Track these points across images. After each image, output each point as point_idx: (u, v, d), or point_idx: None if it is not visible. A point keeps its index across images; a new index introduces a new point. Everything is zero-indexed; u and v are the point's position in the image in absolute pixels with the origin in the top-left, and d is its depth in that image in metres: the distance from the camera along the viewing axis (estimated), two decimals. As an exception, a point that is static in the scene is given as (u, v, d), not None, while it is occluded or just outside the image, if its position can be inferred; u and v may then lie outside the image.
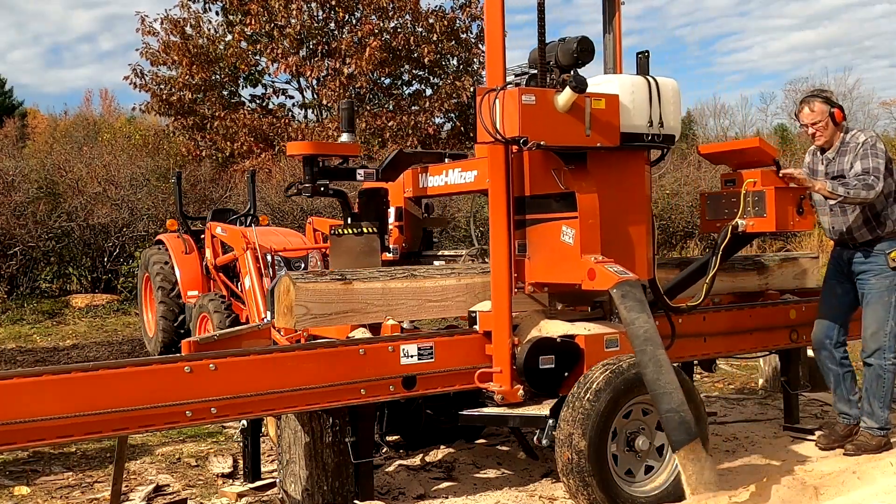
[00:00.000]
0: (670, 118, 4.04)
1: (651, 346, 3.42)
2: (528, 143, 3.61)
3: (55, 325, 11.46)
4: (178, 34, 17.78)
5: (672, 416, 3.34)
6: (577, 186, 3.79)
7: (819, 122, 4.63)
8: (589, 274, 3.70)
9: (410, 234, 5.06)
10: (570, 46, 3.94)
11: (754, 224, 4.37)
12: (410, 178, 4.92)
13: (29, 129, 33.69)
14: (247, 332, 4.53)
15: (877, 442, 4.67)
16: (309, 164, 4.83)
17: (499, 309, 3.82)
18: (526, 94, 3.64)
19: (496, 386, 3.81)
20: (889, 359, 4.64)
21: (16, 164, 14.19)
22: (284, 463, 3.98)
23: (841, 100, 41.50)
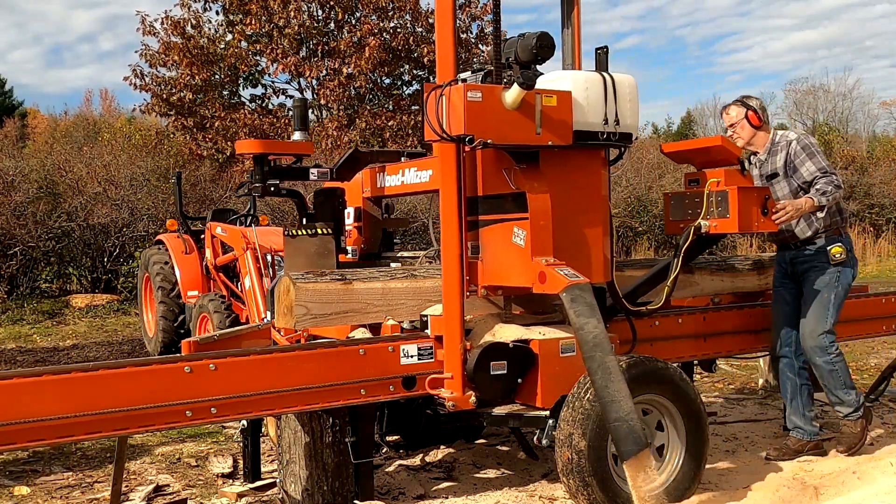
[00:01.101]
0: (627, 116, 3.90)
1: (600, 352, 3.31)
2: (473, 142, 3.50)
3: (55, 325, 11.46)
4: (178, 34, 17.77)
5: (620, 425, 3.23)
6: (528, 186, 3.68)
7: (735, 123, 4.69)
8: (540, 277, 3.58)
9: (369, 235, 4.94)
10: (529, 42, 3.85)
11: (718, 225, 4.23)
12: (368, 177, 4.81)
13: (29, 129, 33.69)
14: (247, 332, 4.54)
15: (860, 426, 4.66)
16: (259, 163, 4.71)
17: (450, 313, 3.67)
18: (472, 91, 3.50)
19: (447, 392, 3.67)
20: (833, 352, 4.61)
21: (16, 164, 14.19)
22: (284, 463, 3.98)
23: (841, 100, 40.90)
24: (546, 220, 3.67)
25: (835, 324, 4.62)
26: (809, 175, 4.52)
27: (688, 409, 3.91)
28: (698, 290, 5.12)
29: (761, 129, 4.70)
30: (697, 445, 3.92)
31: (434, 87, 3.60)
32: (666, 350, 4.48)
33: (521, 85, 3.49)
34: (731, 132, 4.74)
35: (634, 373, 3.76)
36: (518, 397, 3.73)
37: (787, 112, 44.04)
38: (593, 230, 3.94)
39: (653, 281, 4.43)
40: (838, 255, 4.60)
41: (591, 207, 3.94)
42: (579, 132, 3.76)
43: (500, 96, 3.56)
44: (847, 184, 22.46)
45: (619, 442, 3.23)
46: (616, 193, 18.47)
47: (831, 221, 4.62)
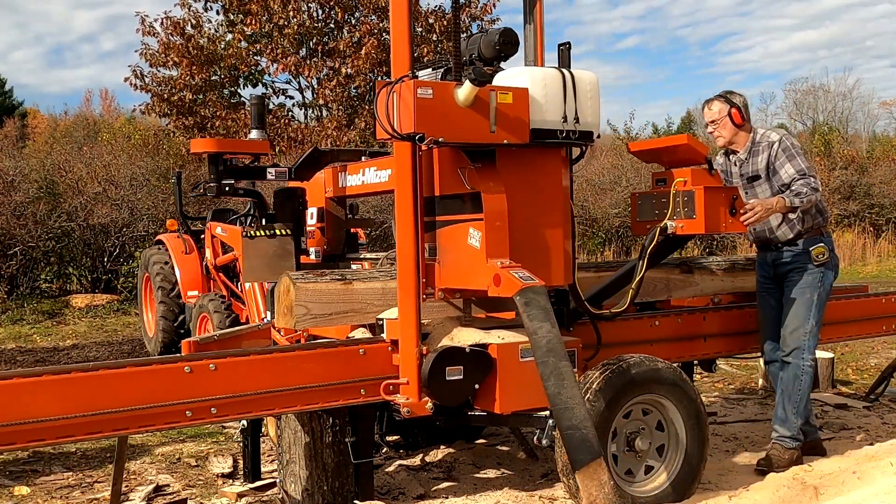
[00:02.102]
0: (587, 114, 3.76)
1: (553, 357, 3.18)
2: (424, 140, 3.37)
3: (55, 325, 11.46)
4: (178, 34, 17.77)
5: (572, 433, 3.10)
6: (483, 186, 3.56)
7: (717, 120, 4.57)
8: (495, 279, 3.45)
9: (332, 236, 4.80)
10: (492, 38, 3.78)
11: (684, 226, 4.10)
12: (331, 177, 4.69)
13: (29, 129, 33.71)
14: (247, 332, 4.54)
15: (788, 456, 4.46)
16: (214, 162, 4.57)
17: (405, 316, 3.56)
18: (422, 88, 3.37)
19: (402, 398, 3.55)
20: (808, 360, 4.50)
21: (16, 164, 14.20)
22: (284, 463, 3.98)
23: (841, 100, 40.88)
24: (502, 220, 3.56)
25: (818, 324, 4.53)
26: (788, 177, 4.42)
27: (688, 409, 3.91)
28: (698, 290, 5.12)
29: (743, 128, 4.58)
30: (697, 445, 3.93)
31: (385, 83, 3.49)
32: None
33: (472, 81, 3.38)
34: (713, 129, 4.62)
35: (634, 373, 3.77)
36: (477, 403, 3.62)
37: (787, 112, 44.09)
38: (553, 231, 3.81)
39: (618, 283, 4.30)
40: (821, 255, 4.51)
41: (551, 208, 3.81)
42: (537, 130, 3.62)
43: (452, 93, 3.44)
44: (847, 184, 22.50)
45: (571, 451, 3.12)
46: (616, 193, 18.46)
47: (813, 223, 4.54)
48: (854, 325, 5.40)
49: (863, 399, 6.20)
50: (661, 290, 4.95)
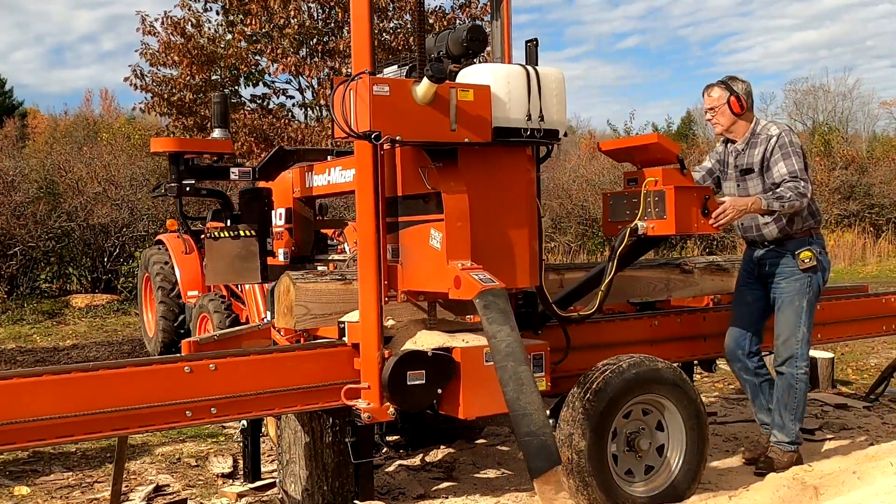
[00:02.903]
0: (553, 112, 3.64)
1: (513, 361, 3.09)
2: (380, 139, 3.27)
3: (55, 325, 11.46)
4: (178, 34, 17.77)
5: (531, 440, 3.00)
6: (444, 186, 3.46)
7: (716, 107, 4.43)
8: (455, 282, 3.36)
9: (300, 237, 4.70)
10: (459, 35, 3.69)
11: (655, 226, 4.00)
12: (298, 177, 4.61)
13: (29, 129, 33.71)
14: (247, 332, 4.53)
15: (787, 458, 4.41)
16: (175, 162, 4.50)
17: (367, 319, 3.47)
18: (378, 85, 3.27)
19: (364, 403, 3.48)
20: (801, 367, 4.42)
21: (16, 164, 14.21)
22: (284, 463, 3.98)
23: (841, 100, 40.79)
24: (463, 221, 3.46)
25: (809, 330, 4.46)
26: (779, 177, 4.29)
27: (688, 409, 3.92)
28: (698, 290, 5.12)
29: (742, 117, 4.42)
30: (697, 445, 3.93)
31: (342, 80, 3.40)
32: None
33: (430, 78, 3.27)
34: (710, 116, 4.49)
35: (634, 373, 3.77)
36: (441, 408, 3.53)
37: (787, 112, 44.09)
38: (518, 232, 3.70)
39: (588, 285, 4.22)
40: (807, 259, 4.39)
41: (517, 208, 3.70)
42: (500, 129, 3.52)
43: (410, 91, 3.34)
44: (847, 184, 22.50)
45: (529, 458, 3.02)
46: (616, 193, 18.42)
47: (804, 225, 4.41)
48: (854, 325, 5.41)
49: (863, 399, 6.20)
50: (661, 290, 4.96)
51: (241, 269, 4.42)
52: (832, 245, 19.66)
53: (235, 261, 4.45)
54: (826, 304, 5.25)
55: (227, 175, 4.65)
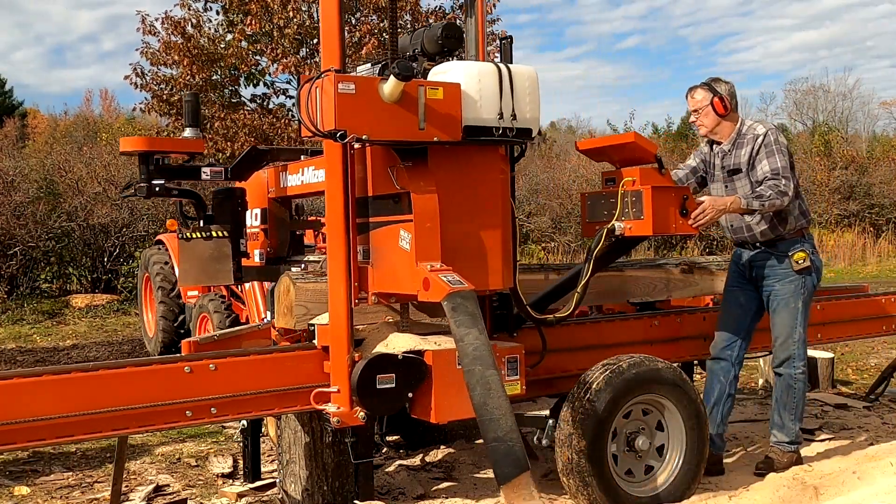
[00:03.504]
0: (526, 110, 3.56)
1: (480, 365, 3.01)
2: (346, 138, 3.19)
3: (55, 325, 11.46)
4: (178, 34, 17.77)
5: (498, 446, 2.92)
6: (413, 186, 3.39)
7: (699, 109, 4.39)
8: (424, 283, 3.28)
9: (276, 238, 4.62)
10: (434, 33, 3.63)
11: (633, 227, 3.93)
12: (273, 177, 4.54)
13: (29, 129, 33.72)
14: (247, 332, 4.53)
15: (788, 458, 4.41)
16: (144, 161, 4.35)
17: (336, 322, 3.41)
18: (344, 83, 3.19)
19: (333, 407, 3.41)
20: (799, 367, 4.40)
21: (16, 164, 14.22)
22: (284, 463, 3.98)
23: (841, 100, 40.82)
24: (433, 221, 3.39)
25: (805, 330, 4.43)
26: (762, 175, 4.24)
27: (688, 409, 3.92)
28: (698, 290, 5.12)
29: (727, 118, 4.38)
30: (697, 445, 3.93)
31: (308, 78, 3.34)
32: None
33: (396, 76, 3.20)
34: (695, 118, 4.46)
35: (634, 373, 3.77)
36: (413, 412, 3.48)
37: (787, 112, 44.12)
38: (491, 233, 3.62)
39: (565, 287, 4.14)
40: (801, 261, 4.34)
41: (489, 208, 3.62)
42: (470, 127, 3.43)
43: (377, 89, 3.26)
44: (847, 184, 22.50)
45: (496, 464, 2.94)
46: (616, 193, 18.42)
47: (796, 224, 4.38)
48: (854, 325, 5.40)
49: (863, 399, 6.20)
50: (661, 291, 4.96)
51: (214, 270, 4.35)
52: (832, 245, 19.67)
53: (208, 262, 4.37)
54: (826, 304, 5.26)
55: (199, 175, 4.56)
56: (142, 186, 4.38)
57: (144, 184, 4.37)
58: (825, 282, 6.51)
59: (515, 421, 2.98)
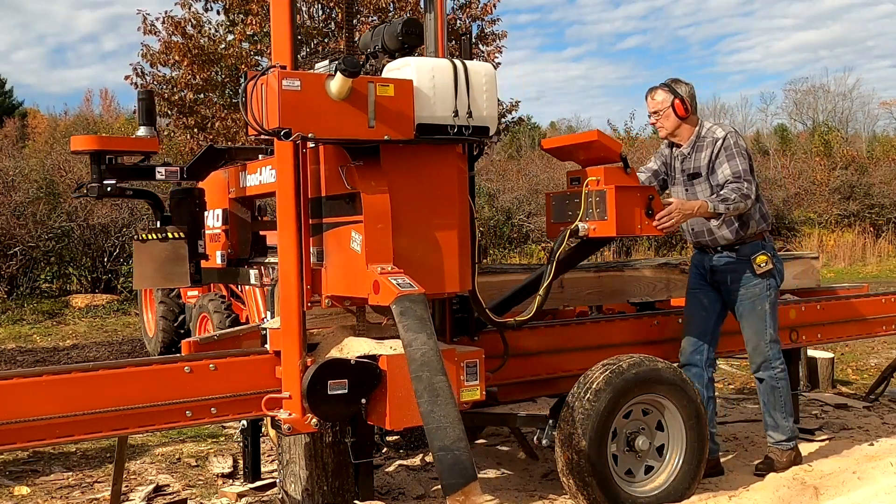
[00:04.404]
0: (483, 108, 3.45)
1: (428, 371, 2.89)
2: (291, 136, 3.09)
3: (55, 325, 11.46)
4: (179, 34, 17.78)
5: (444, 455, 2.81)
6: (363, 185, 3.27)
7: (659, 111, 4.33)
8: (374, 286, 3.17)
9: (237, 239, 4.50)
10: (394, 29, 3.53)
11: (596, 228, 3.84)
12: (233, 176, 4.46)
13: (29, 129, 33.72)
14: (247, 332, 4.52)
15: (787, 457, 4.42)
16: (96, 161, 4.25)
17: (288, 326, 3.33)
18: (288, 79, 3.08)
19: (285, 413, 3.33)
20: (777, 367, 4.40)
21: (16, 164, 14.22)
22: (284, 463, 3.98)
23: (841, 100, 40.84)
24: (384, 223, 3.27)
25: (776, 330, 4.42)
26: (723, 178, 4.20)
27: (688, 409, 3.92)
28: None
29: (687, 121, 4.33)
30: (697, 445, 3.93)
31: (253, 75, 3.23)
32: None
33: (343, 72, 3.09)
34: (654, 119, 4.39)
35: (634, 373, 3.77)
36: (369, 418, 3.37)
37: (787, 112, 44.13)
38: (447, 234, 3.48)
39: (527, 290, 4.04)
40: (763, 264, 4.31)
41: (445, 209, 3.48)
42: (424, 125, 3.32)
43: (324, 86, 3.15)
44: (847, 184, 22.50)
45: (442, 474, 2.83)
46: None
47: (757, 228, 4.35)
48: (854, 325, 5.40)
49: (863, 399, 6.20)
50: (661, 290, 4.96)
51: (170, 272, 4.23)
52: (832, 245, 19.67)
53: (164, 264, 4.25)
54: (826, 304, 5.26)
55: (153, 175, 4.43)
56: (93, 187, 4.26)
57: (95, 184, 4.26)
58: (825, 282, 6.52)
59: (464, 429, 2.86)
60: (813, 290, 5.60)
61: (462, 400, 3.42)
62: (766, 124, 46.91)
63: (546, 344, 4.22)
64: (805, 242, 19.85)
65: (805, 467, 4.34)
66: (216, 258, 4.45)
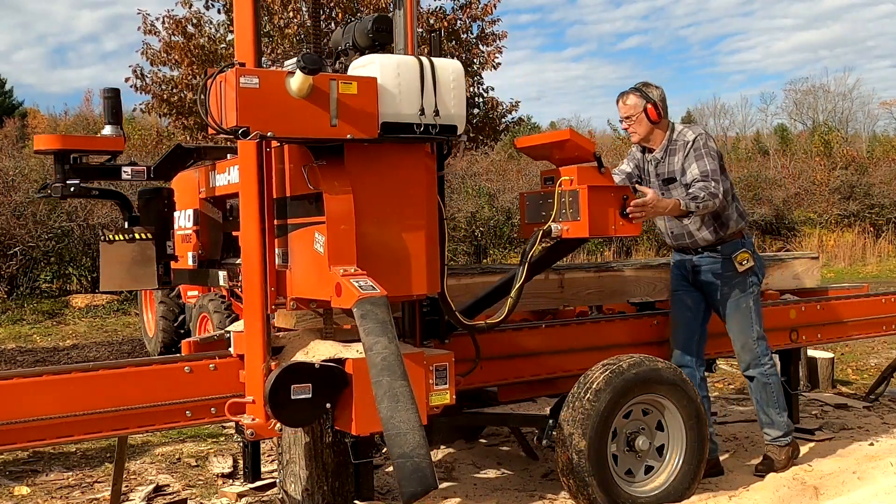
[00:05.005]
0: (450, 106, 3.37)
1: (388, 376, 2.83)
2: (249, 135, 3.02)
3: (55, 325, 11.46)
4: (180, 34, 17.78)
5: (403, 462, 2.75)
6: (326, 186, 3.20)
7: (632, 116, 4.30)
8: (336, 289, 3.10)
9: (208, 240, 4.41)
10: (365, 26, 3.49)
11: (570, 229, 3.76)
12: (204, 176, 4.36)
13: (29, 129, 33.70)
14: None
15: (785, 454, 4.43)
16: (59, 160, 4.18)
17: (251, 329, 3.26)
18: (246, 77, 3.02)
19: (248, 418, 3.25)
20: (767, 364, 4.41)
21: (16, 164, 14.21)
22: (284, 463, 3.98)
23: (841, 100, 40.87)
24: (347, 223, 3.20)
25: (762, 327, 4.42)
26: (691, 178, 4.19)
27: (688, 408, 3.92)
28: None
29: (659, 126, 4.32)
30: (697, 445, 3.93)
31: (213, 73, 3.16)
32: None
33: (302, 69, 3.03)
34: (627, 124, 4.36)
35: (634, 373, 3.77)
36: (336, 423, 3.30)
37: (787, 112, 44.14)
38: (414, 234, 3.40)
39: (499, 292, 3.96)
40: (745, 261, 4.34)
41: (412, 209, 3.40)
42: (389, 124, 3.24)
43: (284, 83, 3.09)
44: (847, 184, 22.49)
45: (401, 481, 2.77)
46: (616, 193, 18.42)
47: (736, 227, 4.37)
48: (854, 325, 5.40)
49: (863, 399, 6.20)
50: (661, 290, 4.96)
51: (138, 274, 4.15)
52: (832, 245, 19.67)
53: (131, 266, 4.18)
54: (826, 304, 5.26)
55: (119, 174, 4.35)
56: (56, 186, 4.19)
57: (59, 184, 4.22)
58: (825, 282, 6.52)
59: (424, 435, 2.78)
60: (813, 290, 5.60)
61: (431, 404, 3.35)
62: (766, 124, 46.98)
63: (546, 344, 4.21)
64: (805, 242, 19.85)
65: (805, 467, 4.34)
66: (187, 259, 4.34)
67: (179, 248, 4.31)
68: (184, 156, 4.46)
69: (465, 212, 16.73)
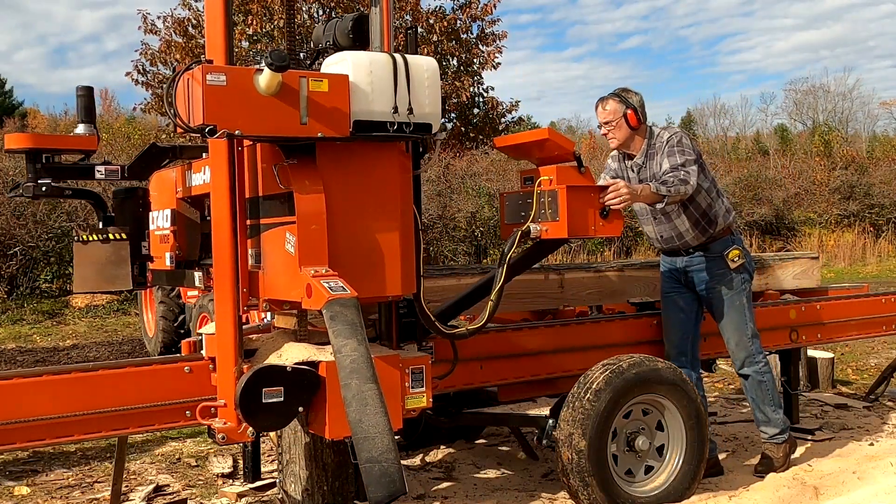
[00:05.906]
0: (425, 104, 3.30)
1: (357, 379, 2.77)
2: (216, 133, 2.96)
3: (55, 325, 11.47)
4: (180, 33, 17.79)
5: (371, 467, 2.71)
6: (297, 185, 3.14)
7: (611, 121, 4.26)
8: (307, 290, 3.04)
9: (185, 240, 4.31)
10: (346, 25, 3.45)
11: (549, 229, 3.70)
12: (181, 176, 4.28)
13: (29, 129, 33.70)
14: (246, 332, 4.52)
15: (783, 451, 4.43)
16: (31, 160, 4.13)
17: (222, 331, 3.21)
18: (212, 74, 2.97)
19: (220, 422, 3.18)
20: (761, 361, 4.41)
21: (16, 164, 14.20)
22: (284, 463, 3.98)
23: (841, 100, 40.82)
24: (318, 223, 3.13)
25: (754, 324, 4.43)
26: (662, 172, 4.16)
27: (688, 408, 3.92)
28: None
29: (639, 132, 4.28)
30: (697, 445, 3.93)
31: (180, 70, 3.10)
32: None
33: (270, 66, 2.97)
34: (606, 130, 4.31)
35: (635, 373, 3.77)
36: (310, 427, 3.27)
37: (787, 112, 44.16)
38: (388, 235, 3.33)
39: (478, 293, 3.89)
40: (736, 258, 4.33)
41: (386, 209, 3.33)
42: (361, 122, 3.17)
43: (252, 81, 3.04)
44: (847, 184, 22.49)
45: (369, 486, 2.74)
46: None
47: (724, 223, 4.37)
48: (854, 325, 5.40)
49: (863, 399, 6.20)
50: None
51: (112, 275, 4.11)
52: (832, 245, 19.67)
53: (105, 266, 4.13)
54: (826, 304, 5.26)
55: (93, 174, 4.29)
56: (28, 186, 4.13)
57: (31, 183, 4.17)
58: (825, 282, 6.52)
59: (393, 439, 2.74)
60: (813, 290, 5.59)
61: (407, 407, 3.32)
62: (766, 124, 47.00)
63: (546, 344, 4.20)
64: (805, 242, 19.85)
65: (805, 467, 4.34)
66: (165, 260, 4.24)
67: (157, 248, 4.23)
68: (159, 155, 4.38)
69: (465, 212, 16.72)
